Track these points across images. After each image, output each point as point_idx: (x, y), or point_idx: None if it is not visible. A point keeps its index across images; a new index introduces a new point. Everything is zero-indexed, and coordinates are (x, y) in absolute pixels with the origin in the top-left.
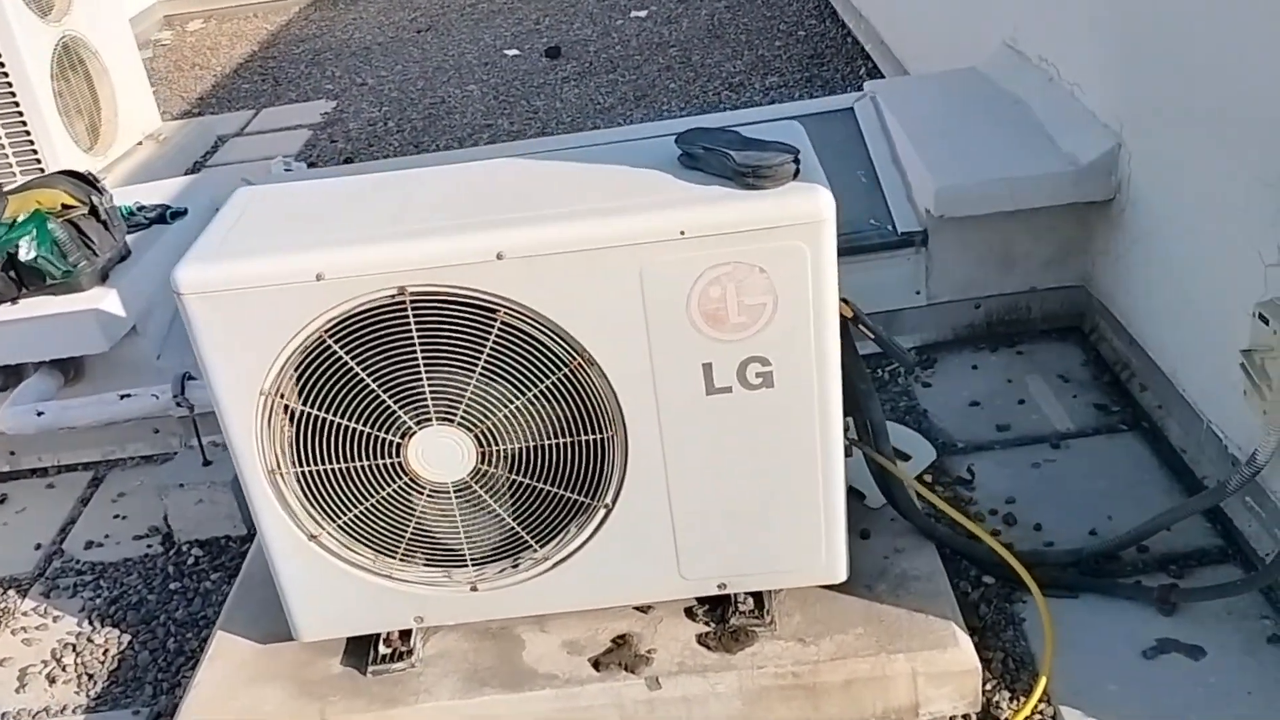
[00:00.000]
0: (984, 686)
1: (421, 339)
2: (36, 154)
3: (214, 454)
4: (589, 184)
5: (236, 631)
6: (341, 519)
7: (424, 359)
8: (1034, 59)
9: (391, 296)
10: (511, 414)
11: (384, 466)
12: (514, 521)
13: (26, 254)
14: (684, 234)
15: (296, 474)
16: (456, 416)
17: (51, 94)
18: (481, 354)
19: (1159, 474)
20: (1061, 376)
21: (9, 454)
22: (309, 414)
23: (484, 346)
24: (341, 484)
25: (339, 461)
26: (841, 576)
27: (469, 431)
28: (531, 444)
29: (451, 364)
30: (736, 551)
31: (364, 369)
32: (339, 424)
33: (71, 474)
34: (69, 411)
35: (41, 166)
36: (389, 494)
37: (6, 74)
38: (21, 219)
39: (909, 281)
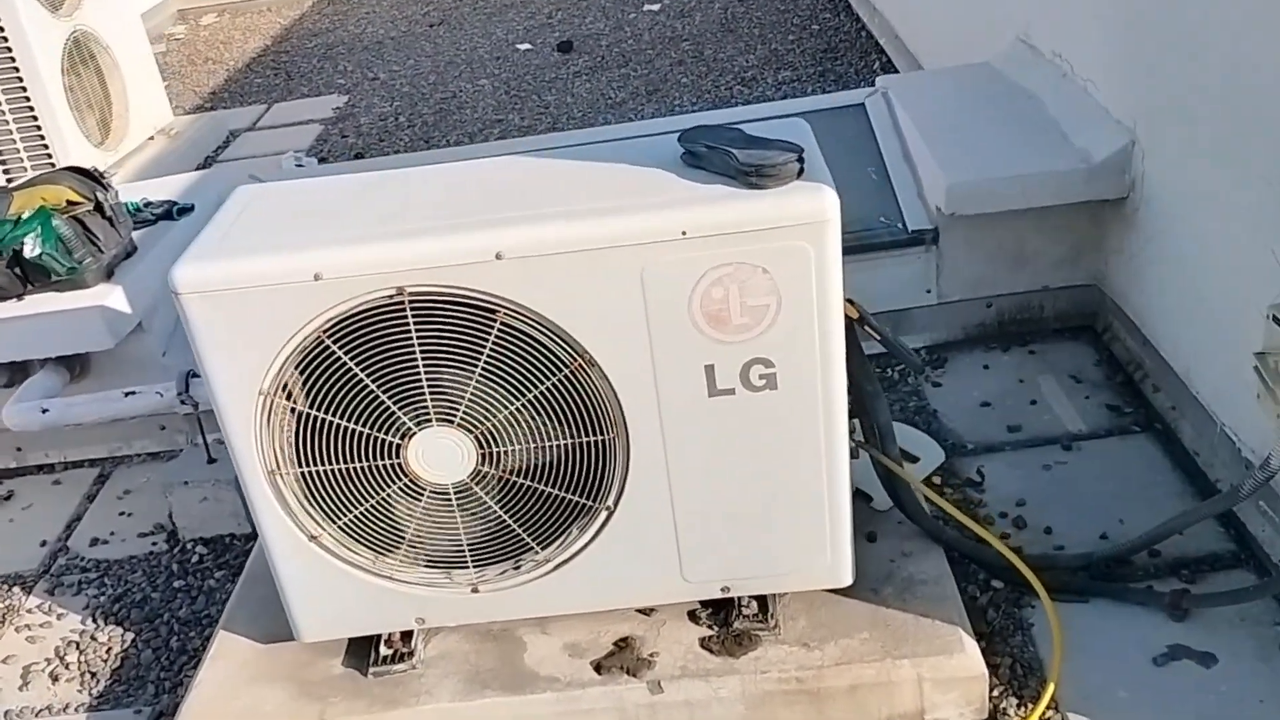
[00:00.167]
0: (991, 693)
1: (420, 340)
2: (47, 149)
3: (218, 452)
4: (590, 183)
5: (239, 631)
6: (341, 520)
7: (423, 360)
8: (1048, 54)
9: (390, 297)
10: (512, 415)
11: (384, 468)
12: (515, 523)
13: (31, 251)
14: (686, 234)
15: (296, 475)
16: (456, 418)
17: (62, 89)
18: (481, 355)
19: (1171, 477)
20: (1074, 377)
21: (15, 450)
22: (308, 414)
23: (483, 347)
24: (341, 485)
25: (339, 462)
26: (847, 580)
27: (469, 433)
28: (532, 446)
29: (451, 365)
30: (740, 554)
31: (363, 369)
32: (338, 425)
33: (78, 470)
34: (73, 409)
35: (52, 161)
36: (389, 495)
37: (17, 69)
38: (26, 215)
39: (919, 280)
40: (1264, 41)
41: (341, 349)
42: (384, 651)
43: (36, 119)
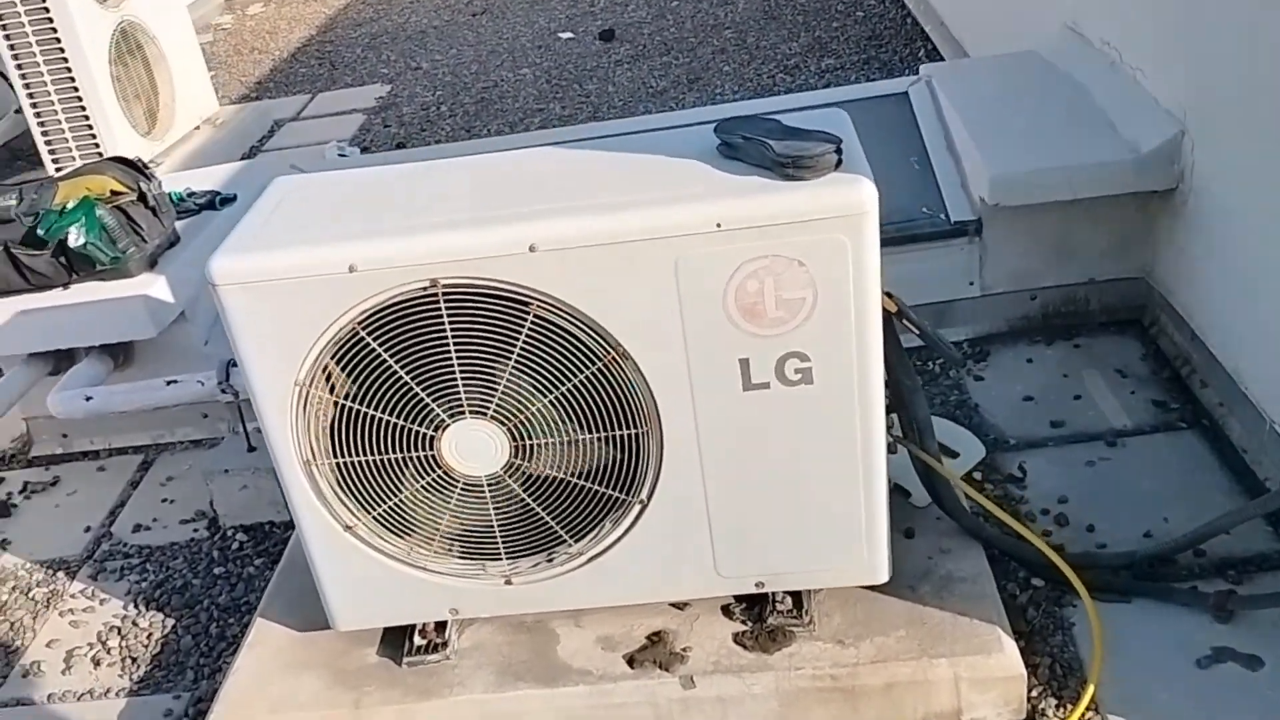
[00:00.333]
0: (1030, 693)
1: (454, 332)
2: (95, 139)
3: (259, 440)
4: (624, 174)
5: (276, 619)
6: (376, 510)
7: (456, 352)
8: (1096, 42)
9: (424, 289)
10: (545, 408)
11: (418, 459)
12: (548, 516)
13: (76, 240)
14: (720, 226)
15: (331, 465)
16: (490, 410)
17: (110, 79)
18: (514, 347)
19: (1219, 474)
20: (1119, 371)
21: (61, 437)
22: (343, 405)
23: (517, 340)
24: (376, 476)
25: (373, 453)
26: (883, 577)
27: (502, 425)
28: (565, 438)
29: (484, 357)
30: (775, 550)
31: (397, 361)
32: (373, 416)
33: (122, 457)
34: (116, 396)
35: (100, 151)
36: (423, 486)
37: (66, 59)
38: (71, 205)
39: (962, 272)
40: None
41: (376, 340)
42: (418, 642)
43: (85, 109)
